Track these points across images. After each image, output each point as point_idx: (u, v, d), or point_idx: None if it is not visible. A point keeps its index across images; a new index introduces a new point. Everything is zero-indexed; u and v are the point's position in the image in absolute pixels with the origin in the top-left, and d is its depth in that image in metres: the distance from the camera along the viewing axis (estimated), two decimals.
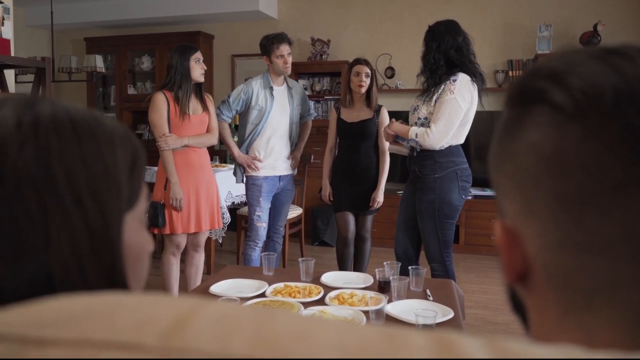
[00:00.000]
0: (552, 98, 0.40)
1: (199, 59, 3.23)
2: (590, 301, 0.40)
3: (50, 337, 0.29)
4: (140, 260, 0.58)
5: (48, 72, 3.38)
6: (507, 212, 0.44)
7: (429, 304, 2.15)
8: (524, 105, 0.42)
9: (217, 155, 5.39)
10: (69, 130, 0.51)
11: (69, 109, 0.53)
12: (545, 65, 0.43)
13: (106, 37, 6.76)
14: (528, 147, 0.41)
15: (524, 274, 0.43)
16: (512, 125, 0.43)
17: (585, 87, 0.39)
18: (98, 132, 0.53)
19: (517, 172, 0.42)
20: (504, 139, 0.44)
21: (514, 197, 0.43)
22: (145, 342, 0.28)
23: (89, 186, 0.51)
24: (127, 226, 0.55)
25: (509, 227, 0.43)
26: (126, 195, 0.54)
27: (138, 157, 0.57)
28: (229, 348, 0.27)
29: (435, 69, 2.89)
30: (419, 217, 2.99)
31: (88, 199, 0.50)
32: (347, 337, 0.29)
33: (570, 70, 0.40)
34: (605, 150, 0.37)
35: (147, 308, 0.31)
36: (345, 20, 6.10)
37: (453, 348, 0.28)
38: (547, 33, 5.30)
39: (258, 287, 2.37)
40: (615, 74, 0.38)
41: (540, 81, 0.41)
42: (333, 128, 3.75)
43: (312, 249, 5.32)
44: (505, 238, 0.44)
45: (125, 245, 0.54)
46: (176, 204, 3.19)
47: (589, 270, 0.39)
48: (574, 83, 0.39)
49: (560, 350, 0.30)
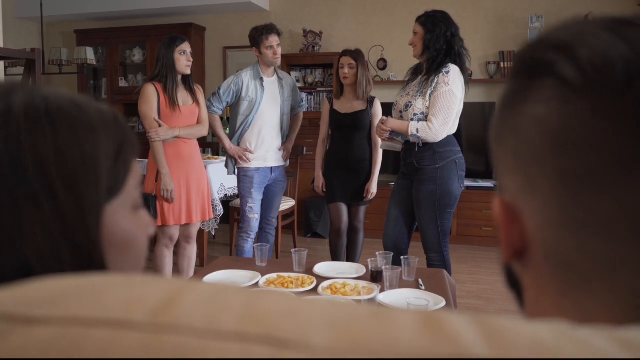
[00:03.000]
0: (560, 71, 0.38)
1: (184, 51, 3.21)
2: (588, 283, 0.39)
3: (39, 316, 0.29)
4: (131, 248, 0.57)
5: (38, 64, 3.35)
6: (507, 188, 0.42)
7: (421, 293, 2.16)
8: (529, 78, 0.40)
9: (209, 148, 5.37)
10: (42, 119, 0.51)
11: (49, 97, 0.53)
12: (554, 35, 0.40)
13: (97, 29, 6.70)
14: (531, 121, 0.39)
15: (522, 250, 0.42)
16: (515, 97, 0.42)
17: (594, 60, 0.36)
18: (77, 120, 0.52)
19: (519, 147, 0.40)
20: (506, 112, 0.42)
21: (515, 172, 0.41)
22: (133, 319, 0.28)
23: (63, 175, 0.50)
24: (112, 214, 0.54)
25: (508, 202, 0.42)
26: (108, 184, 0.53)
27: (125, 142, 0.56)
28: (219, 324, 0.27)
29: (437, 55, 2.89)
30: (417, 207, 2.99)
31: (61, 188, 0.50)
32: (335, 313, 0.29)
33: (580, 41, 0.38)
34: (613, 126, 0.35)
35: (136, 287, 0.31)
36: (337, 12, 6.08)
37: (441, 324, 0.29)
38: (539, 24, 5.31)
39: (251, 277, 2.37)
40: (627, 45, 0.36)
41: (547, 52, 0.39)
42: (325, 119, 3.74)
43: (305, 241, 5.33)
44: (504, 214, 0.42)
45: (110, 233, 0.54)
46: (167, 195, 3.18)
47: (588, 251, 0.38)
48: (583, 55, 0.37)
49: (547, 326, 0.30)
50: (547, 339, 0.28)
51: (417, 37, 2.95)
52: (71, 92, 0.57)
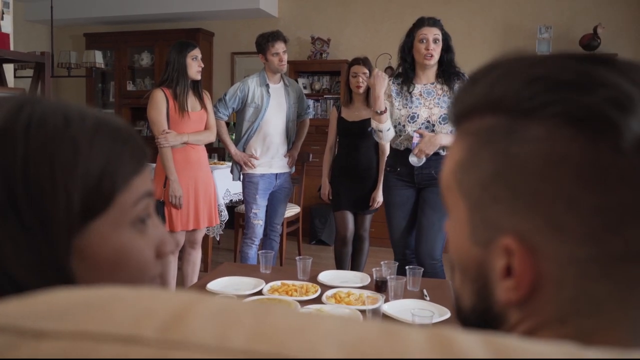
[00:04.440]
0: (626, 132, 0.38)
1: (196, 57, 3.22)
2: (600, 306, 0.40)
3: (48, 329, 0.29)
4: (123, 267, 0.55)
5: (47, 67, 3.37)
6: (517, 228, 0.42)
7: (425, 303, 2.15)
8: (577, 127, 0.39)
9: (215, 153, 5.38)
10: (18, 136, 0.50)
11: (37, 112, 0.52)
12: (613, 84, 0.40)
13: (106, 33, 6.75)
14: (557, 162, 0.40)
15: (532, 290, 0.42)
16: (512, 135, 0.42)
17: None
18: (57, 136, 0.51)
19: (540, 187, 0.40)
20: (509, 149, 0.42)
21: (527, 212, 0.41)
22: (143, 335, 0.28)
23: (27, 194, 0.49)
24: (95, 234, 0.52)
25: (522, 243, 0.41)
26: (88, 202, 0.51)
27: (120, 156, 0.54)
28: (228, 342, 0.27)
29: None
30: (430, 213, 2.94)
31: (25, 204, 0.49)
32: (345, 331, 0.29)
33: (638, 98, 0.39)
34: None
35: (145, 301, 0.31)
36: (345, 19, 6.09)
37: (451, 344, 0.29)
38: (547, 35, 5.31)
39: (255, 285, 2.36)
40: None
41: (606, 108, 0.39)
42: (333, 126, 3.74)
43: (310, 248, 5.32)
44: (520, 255, 0.41)
45: (95, 253, 0.52)
46: (175, 201, 3.18)
47: (618, 279, 0.39)
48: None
49: (556, 347, 0.30)
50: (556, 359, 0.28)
51: (439, 44, 2.92)
52: (75, 104, 0.55)
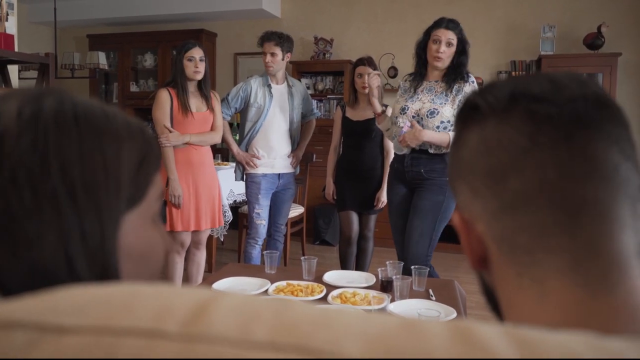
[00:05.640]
0: (476, 104, 0.51)
1: (192, 57, 3.21)
2: (533, 256, 0.46)
3: (69, 325, 0.28)
4: (147, 260, 0.57)
5: (51, 68, 3.38)
6: (461, 205, 0.53)
7: (431, 303, 2.14)
8: (464, 122, 0.54)
9: (219, 153, 5.38)
10: (70, 124, 0.51)
11: (78, 103, 0.54)
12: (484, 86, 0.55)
13: (109, 34, 6.76)
14: (468, 147, 0.51)
15: (484, 254, 0.50)
16: (458, 139, 0.54)
17: (495, 94, 0.51)
18: (103, 128, 0.53)
19: (463, 168, 0.52)
20: (455, 152, 0.54)
21: (463, 189, 0.52)
22: (166, 329, 0.28)
23: (84, 180, 0.50)
24: (129, 224, 0.54)
25: (463, 216, 0.52)
26: (128, 193, 0.54)
27: (149, 155, 0.57)
28: (251, 334, 0.27)
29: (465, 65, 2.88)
30: (418, 215, 2.87)
31: (82, 192, 0.50)
32: (367, 324, 0.29)
33: (490, 85, 0.53)
34: (512, 129, 0.48)
35: (165, 297, 0.31)
36: (348, 19, 6.09)
37: (471, 333, 0.29)
38: (551, 34, 5.30)
39: (260, 285, 2.36)
40: (512, 84, 0.51)
41: (475, 97, 0.53)
42: (338, 126, 3.74)
43: (314, 248, 5.32)
44: (462, 226, 0.52)
45: (125, 244, 0.54)
46: (175, 200, 3.19)
47: (523, 227, 0.46)
48: (490, 93, 0.51)
49: (577, 336, 0.30)
50: (578, 349, 0.29)
51: (451, 48, 2.84)
52: (101, 102, 0.57)
